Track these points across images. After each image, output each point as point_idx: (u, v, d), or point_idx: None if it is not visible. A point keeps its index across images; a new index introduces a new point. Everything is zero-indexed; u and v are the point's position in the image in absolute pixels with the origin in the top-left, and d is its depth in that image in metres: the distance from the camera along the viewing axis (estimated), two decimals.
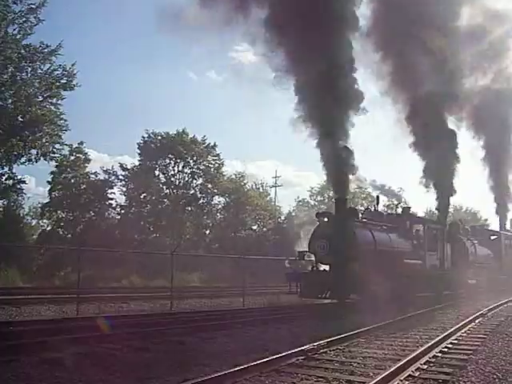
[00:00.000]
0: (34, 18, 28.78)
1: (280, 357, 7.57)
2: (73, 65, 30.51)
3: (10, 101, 29.40)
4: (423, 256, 19.33)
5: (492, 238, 30.42)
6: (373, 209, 20.36)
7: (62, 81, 30.25)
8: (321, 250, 15.86)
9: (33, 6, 28.40)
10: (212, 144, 40.79)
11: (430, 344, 8.88)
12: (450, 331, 10.60)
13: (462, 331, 11.23)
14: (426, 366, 7.48)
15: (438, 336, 9.92)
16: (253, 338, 10.17)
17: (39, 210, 37.76)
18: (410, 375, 6.85)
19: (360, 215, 18.83)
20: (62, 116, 30.94)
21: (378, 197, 20.39)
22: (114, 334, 9.60)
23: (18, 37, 28.69)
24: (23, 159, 30.33)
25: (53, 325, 10.71)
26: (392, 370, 6.73)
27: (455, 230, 24.48)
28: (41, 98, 30.27)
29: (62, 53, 29.89)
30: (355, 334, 10.20)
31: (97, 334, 9.46)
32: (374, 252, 15.92)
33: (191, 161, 39.83)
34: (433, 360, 7.97)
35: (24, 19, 28.54)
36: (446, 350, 8.91)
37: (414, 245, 19.13)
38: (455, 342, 9.81)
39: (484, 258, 26.36)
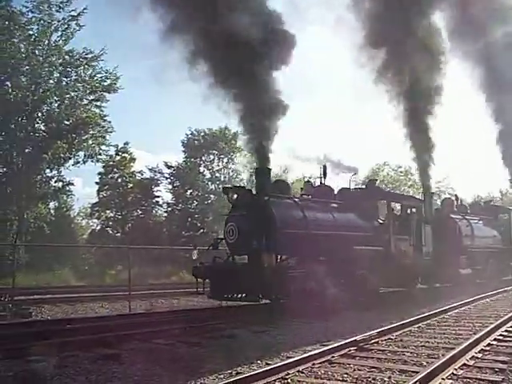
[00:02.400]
0: (76, 24, 29.50)
1: (332, 348, 7.57)
2: (116, 67, 31.17)
3: (56, 105, 30.23)
4: (387, 241, 15.44)
5: (500, 216, 24.78)
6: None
7: (105, 83, 30.87)
8: (229, 236, 12.63)
9: (74, 14, 29.11)
10: None
11: (484, 332, 8.71)
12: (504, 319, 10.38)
13: None
14: (480, 355, 7.34)
15: (492, 324, 9.72)
16: (304, 330, 10.17)
17: (88, 210, 38.70)
18: (464, 364, 6.75)
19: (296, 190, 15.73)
20: (106, 118, 31.67)
21: (324, 167, 15.60)
22: (167, 330, 9.77)
23: (61, 43, 29.47)
24: (71, 161, 31.15)
25: (107, 321, 10.96)
26: (446, 358, 6.63)
27: (446, 209, 21.15)
28: (85, 102, 30.99)
29: (105, 58, 30.60)
30: (406, 323, 10.11)
31: (150, 330, 9.63)
32: (306, 238, 12.53)
33: (234, 156, 40.19)
34: (488, 348, 7.82)
35: (66, 26, 29.30)
36: (501, 337, 8.73)
37: (377, 227, 15.47)
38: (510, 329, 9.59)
39: (487, 242, 21.63)
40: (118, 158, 36.66)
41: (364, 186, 18.66)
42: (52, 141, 29.41)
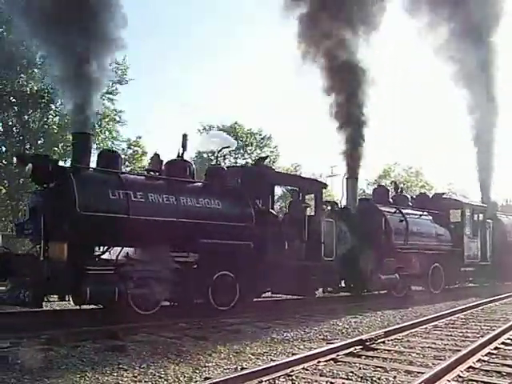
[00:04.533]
0: None
1: (337, 346, 7.57)
2: (124, 58, 31.00)
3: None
4: (262, 235, 12.16)
5: (452, 211, 20.23)
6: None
7: (116, 76, 30.79)
8: (24, 218, 10.55)
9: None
10: (268, 136, 41.40)
11: (491, 335, 8.66)
12: None
13: None
14: (487, 358, 7.27)
15: (500, 327, 9.67)
16: (310, 327, 10.17)
17: None
18: (470, 366, 6.69)
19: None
20: (120, 113, 31.70)
21: (184, 136, 12.04)
22: (174, 324, 9.82)
23: None
24: None
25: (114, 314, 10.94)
26: (452, 360, 6.59)
27: (376, 199, 17.76)
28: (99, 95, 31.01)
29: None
30: (414, 324, 10.09)
31: (157, 324, 9.66)
32: (127, 224, 9.75)
33: (245, 153, 40.36)
34: (495, 352, 7.75)
35: None
36: (509, 341, 8.66)
37: (251, 217, 12.08)
38: None
39: (430, 242, 17.68)
40: (130, 151, 36.80)
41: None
42: (64, 133, 29.56)
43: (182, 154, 12.11)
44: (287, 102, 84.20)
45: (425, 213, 18.14)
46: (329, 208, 14.45)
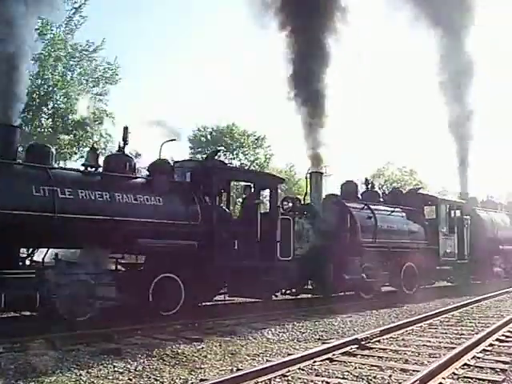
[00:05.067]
0: (80, 16, 29.32)
1: (333, 346, 7.57)
2: (115, 58, 30.82)
3: (61, 100, 30.20)
4: (208, 233, 11.11)
5: (427, 207, 19.27)
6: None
7: (107, 75, 30.63)
8: None
9: (76, 5, 28.85)
10: (262, 136, 41.59)
11: (486, 332, 8.69)
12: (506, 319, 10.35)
13: None
14: (482, 355, 7.31)
15: (494, 324, 9.70)
16: (305, 327, 10.17)
17: None
18: (465, 364, 6.72)
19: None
20: (111, 114, 31.55)
21: (125, 128, 11.24)
22: (169, 326, 9.78)
23: (65, 36, 29.33)
24: (76, 156, 31.14)
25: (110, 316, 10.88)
26: (447, 358, 6.62)
27: (343, 195, 16.57)
28: (90, 96, 30.89)
29: (105, 46, 30.27)
30: (408, 322, 10.12)
31: (152, 326, 9.62)
32: (53, 224, 8.98)
33: (240, 153, 40.43)
34: (489, 348, 7.79)
35: (69, 19, 29.10)
36: (503, 338, 8.70)
37: (197, 215, 11.09)
38: None
39: (402, 239, 16.50)
40: None
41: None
42: (57, 136, 29.40)
43: (123, 147, 11.26)
44: (282, 102, 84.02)
45: (397, 209, 17.17)
46: (290, 204, 13.83)
